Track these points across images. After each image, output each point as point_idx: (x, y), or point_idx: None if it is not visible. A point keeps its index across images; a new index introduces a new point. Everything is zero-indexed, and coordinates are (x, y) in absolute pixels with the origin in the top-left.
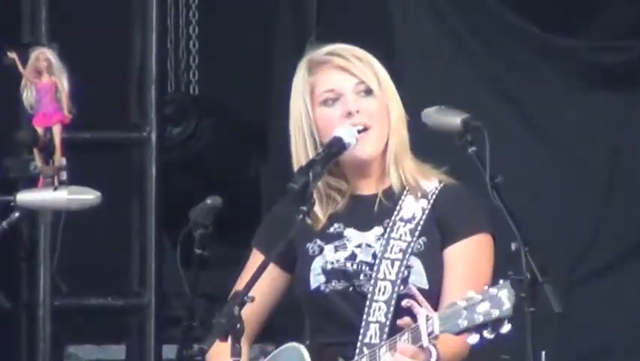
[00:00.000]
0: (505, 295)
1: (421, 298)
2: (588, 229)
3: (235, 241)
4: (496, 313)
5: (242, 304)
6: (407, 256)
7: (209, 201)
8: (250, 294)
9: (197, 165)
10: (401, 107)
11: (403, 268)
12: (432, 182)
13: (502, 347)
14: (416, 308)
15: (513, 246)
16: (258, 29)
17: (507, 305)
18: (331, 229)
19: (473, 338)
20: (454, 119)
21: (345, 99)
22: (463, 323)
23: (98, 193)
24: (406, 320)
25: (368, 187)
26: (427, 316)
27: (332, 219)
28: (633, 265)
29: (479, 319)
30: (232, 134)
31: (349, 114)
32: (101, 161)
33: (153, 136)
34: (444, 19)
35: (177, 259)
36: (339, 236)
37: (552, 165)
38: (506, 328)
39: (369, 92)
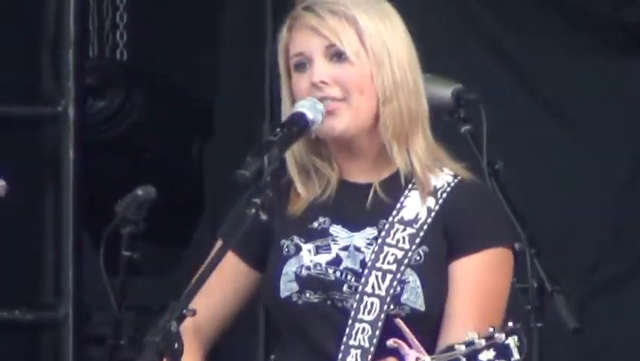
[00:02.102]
0: (514, 344)
1: (410, 336)
2: (608, 230)
3: (172, 241)
4: None
5: (180, 319)
6: (402, 268)
7: (139, 191)
8: (192, 306)
9: (126, 147)
10: (401, 70)
11: (395, 283)
12: (444, 175)
13: None
14: (404, 349)
15: (517, 247)
16: None
17: (515, 357)
18: (315, 224)
19: None
20: (443, 91)
21: (312, 66)
22: None
23: (2, 182)
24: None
25: (361, 173)
26: (417, 359)
27: (317, 209)
28: None
29: None
30: (169, 109)
31: (314, 86)
32: (6, 142)
33: (71, 112)
34: None
35: (100, 264)
36: (324, 233)
37: (566, 150)
38: None
39: (341, 56)
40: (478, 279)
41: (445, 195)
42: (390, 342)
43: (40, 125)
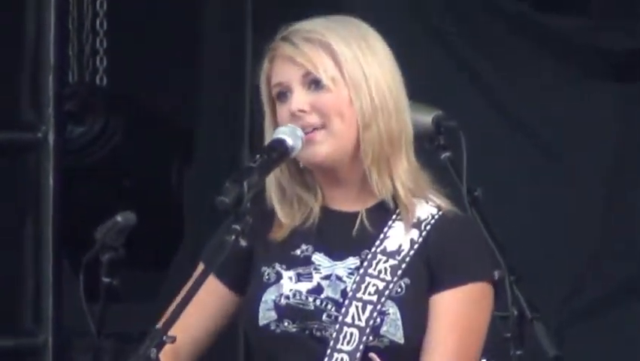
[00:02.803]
0: None
1: None
2: (585, 257)
3: (152, 267)
4: None
5: (160, 346)
6: (383, 299)
7: (119, 218)
8: (172, 332)
9: (106, 172)
10: (379, 94)
11: (375, 314)
12: (428, 207)
13: None
14: None
15: (496, 274)
16: (183, 5)
17: None
18: (297, 251)
19: None
20: (423, 118)
21: (292, 95)
22: None
23: None
24: None
25: (347, 201)
26: None
27: (300, 236)
28: (632, 301)
29: None
30: (148, 134)
31: (293, 116)
32: None
33: (51, 138)
34: None
35: (80, 290)
36: (306, 261)
37: (541, 176)
38: None
39: (318, 83)
40: (458, 313)
41: (428, 227)
42: None
43: (20, 151)
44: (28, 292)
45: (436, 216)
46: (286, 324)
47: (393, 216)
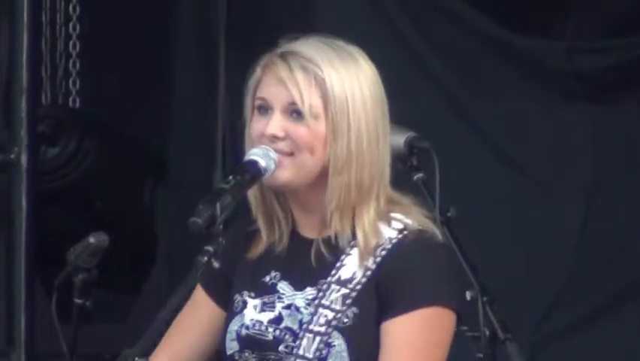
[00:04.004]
0: None
1: None
2: (559, 278)
3: (125, 289)
4: None
5: None
6: (330, 330)
7: (92, 239)
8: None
9: (79, 194)
10: (358, 142)
11: (322, 345)
12: (389, 230)
13: None
14: None
15: (468, 295)
16: (155, 27)
17: None
18: (267, 278)
19: None
20: (396, 139)
21: (271, 115)
22: None
23: None
24: None
25: (311, 227)
26: None
27: (271, 262)
28: (607, 321)
29: None
30: (121, 155)
31: (271, 137)
32: None
33: (23, 159)
34: (385, 13)
35: (53, 311)
36: (272, 290)
37: (517, 198)
38: None
39: (299, 114)
40: (409, 340)
41: (384, 252)
42: None
43: None
44: (1, 313)
45: (394, 240)
46: (247, 354)
47: (352, 243)
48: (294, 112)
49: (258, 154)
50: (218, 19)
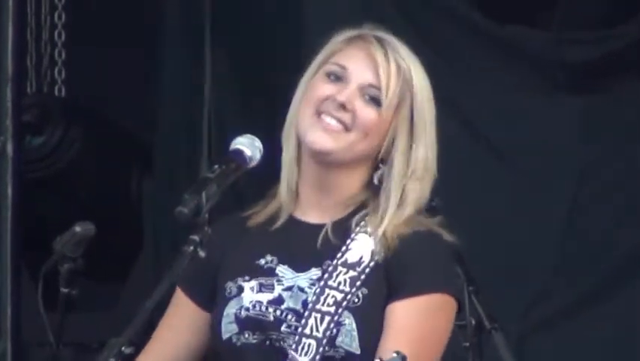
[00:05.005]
0: None
1: None
2: (546, 267)
3: (111, 277)
4: None
5: (119, 356)
6: (340, 310)
7: (78, 228)
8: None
9: (65, 183)
10: (432, 155)
11: (332, 325)
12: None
13: None
14: None
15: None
16: (141, 16)
17: None
18: (262, 261)
19: None
20: None
21: (346, 86)
22: None
23: None
24: None
25: (316, 213)
26: None
27: (265, 245)
28: (593, 310)
29: None
30: (107, 144)
31: (334, 102)
32: None
33: (9, 148)
34: (372, 1)
35: (39, 300)
36: (270, 273)
37: (503, 188)
38: None
39: (376, 101)
40: (410, 324)
41: (391, 240)
42: None
43: None
44: None
45: (404, 232)
46: (247, 336)
47: (357, 229)
48: (369, 95)
49: (243, 143)
50: (204, 8)
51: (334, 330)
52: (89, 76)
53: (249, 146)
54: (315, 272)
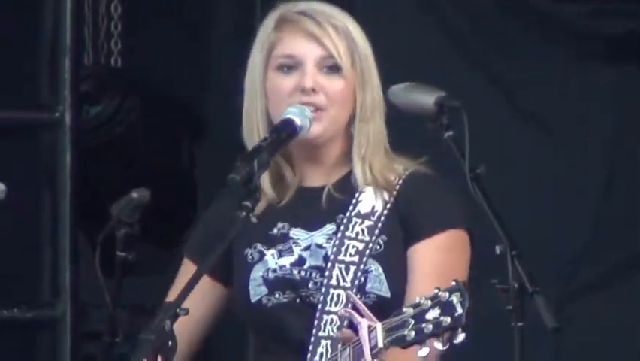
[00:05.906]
0: (457, 300)
1: (361, 306)
2: (585, 233)
3: (166, 242)
4: (447, 321)
5: (174, 318)
6: (364, 258)
7: (134, 194)
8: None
9: (121, 151)
10: (379, 94)
11: (359, 274)
12: (399, 169)
13: None
14: (356, 318)
15: (497, 249)
16: None
17: (459, 311)
18: (274, 230)
19: (423, 351)
20: (426, 98)
21: (303, 71)
22: (411, 335)
23: (2, 186)
24: (346, 332)
25: (317, 177)
26: (369, 326)
27: (275, 215)
28: (629, 278)
29: (428, 329)
30: (162, 114)
31: (303, 91)
32: (5, 147)
33: (67, 117)
34: None
35: (96, 264)
36: (284, 238)
37: (542, 156)
38: (460, 338)
39: (335, 69)
40: (433, 261)
41: (397, 186)
42: (341, 311)
43: (37, 130)
44: (47, 266)
45: (404, 176)
46: (277, 295)
47: (366, 181)
48: (329, 67)
49: (294, 113)
50: None
51: (362, 278)
52: (145, 47)
53: (299, 115)
54: (329, 227)
